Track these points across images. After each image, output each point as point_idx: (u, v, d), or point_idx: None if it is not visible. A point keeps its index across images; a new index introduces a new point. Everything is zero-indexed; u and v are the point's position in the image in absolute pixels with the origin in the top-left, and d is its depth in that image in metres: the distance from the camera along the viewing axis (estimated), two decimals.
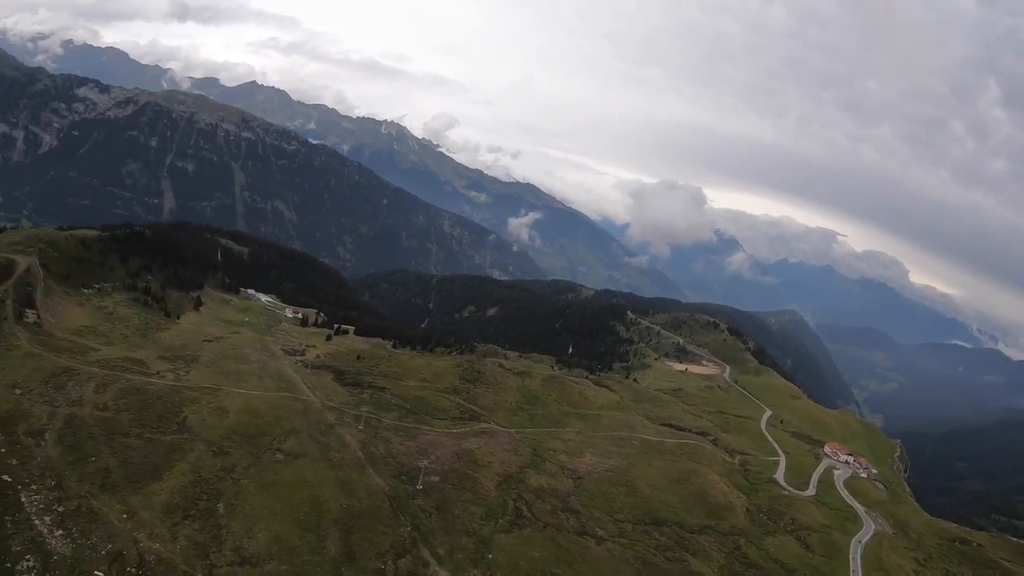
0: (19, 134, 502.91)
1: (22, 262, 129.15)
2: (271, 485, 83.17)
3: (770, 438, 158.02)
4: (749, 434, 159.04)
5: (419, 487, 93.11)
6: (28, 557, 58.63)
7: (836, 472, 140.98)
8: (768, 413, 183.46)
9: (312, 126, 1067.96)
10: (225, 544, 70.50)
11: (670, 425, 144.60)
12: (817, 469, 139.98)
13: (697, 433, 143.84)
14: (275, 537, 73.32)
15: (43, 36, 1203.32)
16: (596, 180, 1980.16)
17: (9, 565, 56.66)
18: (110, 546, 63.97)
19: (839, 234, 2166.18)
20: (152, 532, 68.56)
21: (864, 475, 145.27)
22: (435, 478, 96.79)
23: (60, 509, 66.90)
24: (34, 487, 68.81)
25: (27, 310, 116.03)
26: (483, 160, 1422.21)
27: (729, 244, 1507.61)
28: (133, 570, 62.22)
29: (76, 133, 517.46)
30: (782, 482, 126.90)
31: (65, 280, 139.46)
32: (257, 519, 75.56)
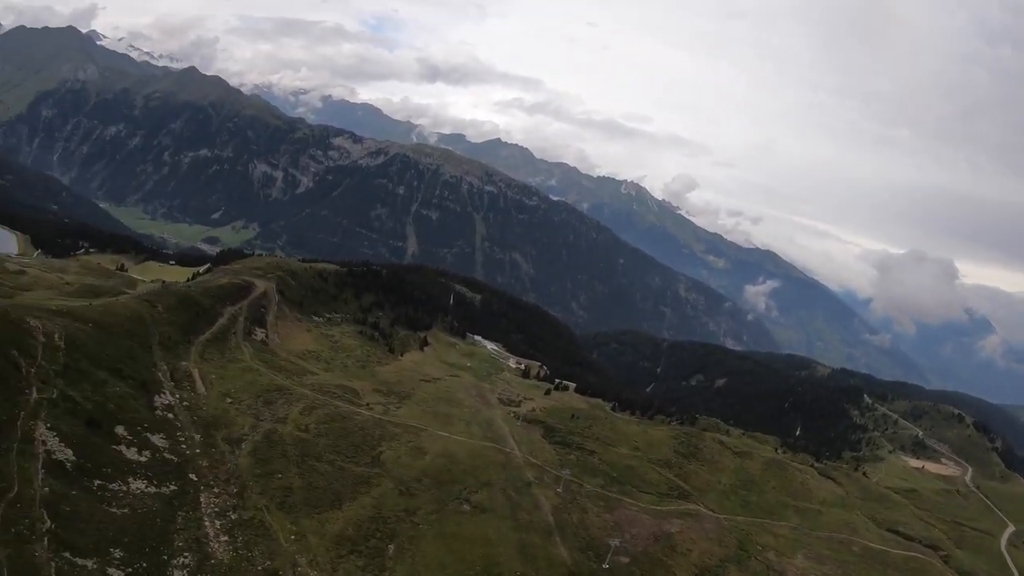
0: (279, 175, 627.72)
1: (260, 285, 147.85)
2: (449, 536, 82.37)
3: (1010, 561, 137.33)
4: (986, 553, 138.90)
5: (605, 566, 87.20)
6: (186, 554, 63.11)
7: None
8: (1011, 529, 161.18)
9: (553, 183, 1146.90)
10: None
11: (897, 532, 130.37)
12: None
13: (927, 546, 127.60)
14: None
15: (304, 91, 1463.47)
16: (840, 249, 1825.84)
17: (165, 557, 61.29)
18: (268, 563, 66.87)
19: None
20: (314, 559, 70.57)
21: None
22: (625, 559, 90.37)
23: (233, 517, 72.05)
24: (216, 491, 75.21)
25: (256, 328, 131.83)
26: (723, 224, 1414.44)
27: (981, 325, 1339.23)
28: None
29: (330, 177, 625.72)
30: None
31: (299, 307, 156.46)
32: (424, 568, 74.72)
